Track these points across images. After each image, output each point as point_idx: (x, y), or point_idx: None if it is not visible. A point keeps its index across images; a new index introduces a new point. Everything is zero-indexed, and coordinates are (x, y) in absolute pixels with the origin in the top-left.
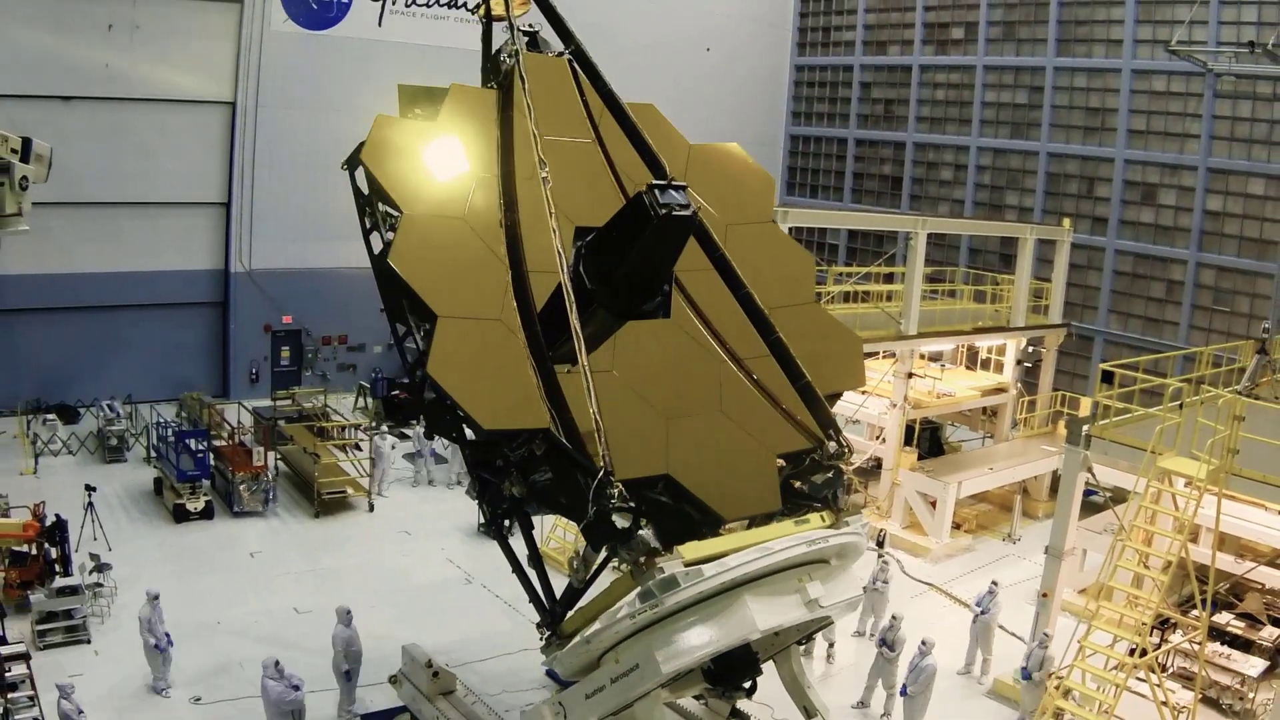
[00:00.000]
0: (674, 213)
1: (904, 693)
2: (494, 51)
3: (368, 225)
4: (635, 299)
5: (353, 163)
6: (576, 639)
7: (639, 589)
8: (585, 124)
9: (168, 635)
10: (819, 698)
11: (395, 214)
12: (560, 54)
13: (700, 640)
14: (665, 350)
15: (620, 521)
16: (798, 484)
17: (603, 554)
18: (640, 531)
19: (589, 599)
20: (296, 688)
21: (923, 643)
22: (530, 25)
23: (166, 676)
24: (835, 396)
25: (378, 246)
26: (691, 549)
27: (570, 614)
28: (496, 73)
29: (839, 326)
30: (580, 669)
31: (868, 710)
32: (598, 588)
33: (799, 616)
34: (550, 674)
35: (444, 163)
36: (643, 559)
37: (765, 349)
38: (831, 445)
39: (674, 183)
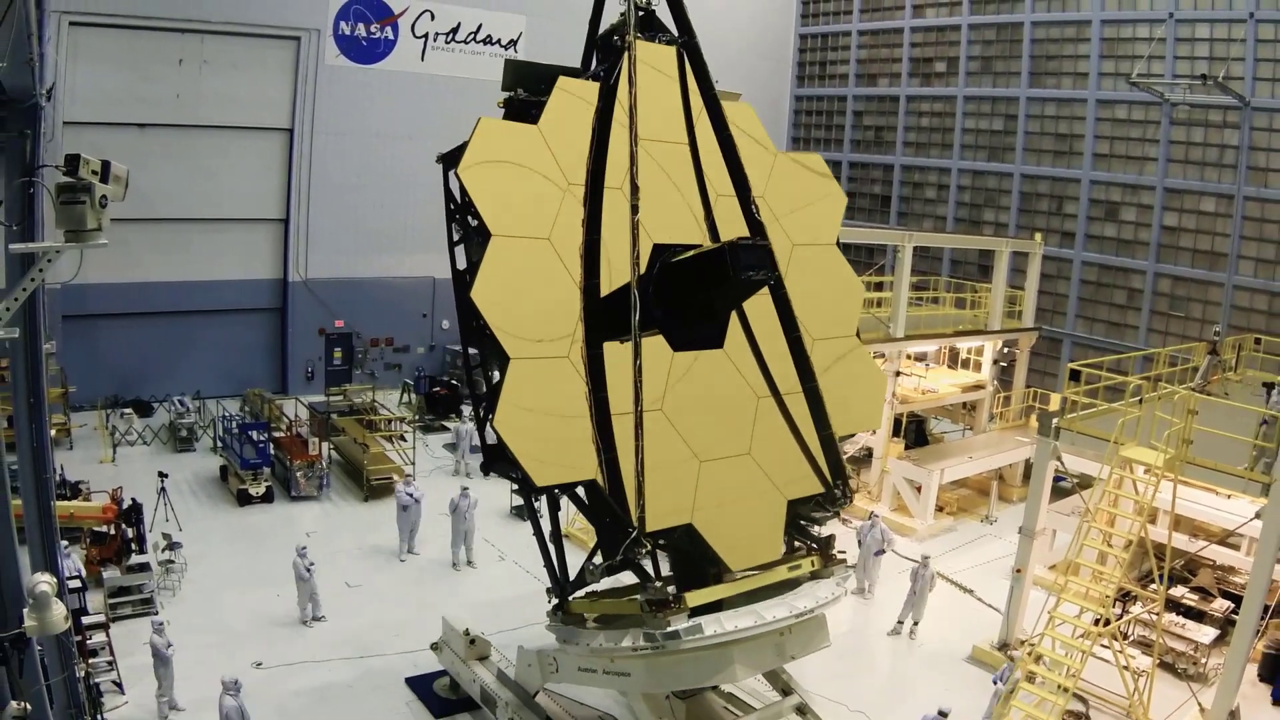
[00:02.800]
0: (754, 278)
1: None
2: (605, 30)
3: (454, 237)
4: (696, 334)
5: (448, 161)
6: (582, 638)
7: (645, 628)
8: (680, 118)
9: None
10: (796, 681)
11: (483, 233)
12: (670, 41)
13: (687, 678)
14: (711, 381)
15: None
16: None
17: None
18: (657, 583)
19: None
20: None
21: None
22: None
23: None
24: (850, 435)
25: (460, 258)
26: (695, 596)
27: (577, 596)
28: (604, 53)
29: (871, 367)
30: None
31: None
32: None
33: (774, 665)
34: None
35: (540, 173)
36: (654, 601)
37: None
38: (836, 493)
39: (758, 241)
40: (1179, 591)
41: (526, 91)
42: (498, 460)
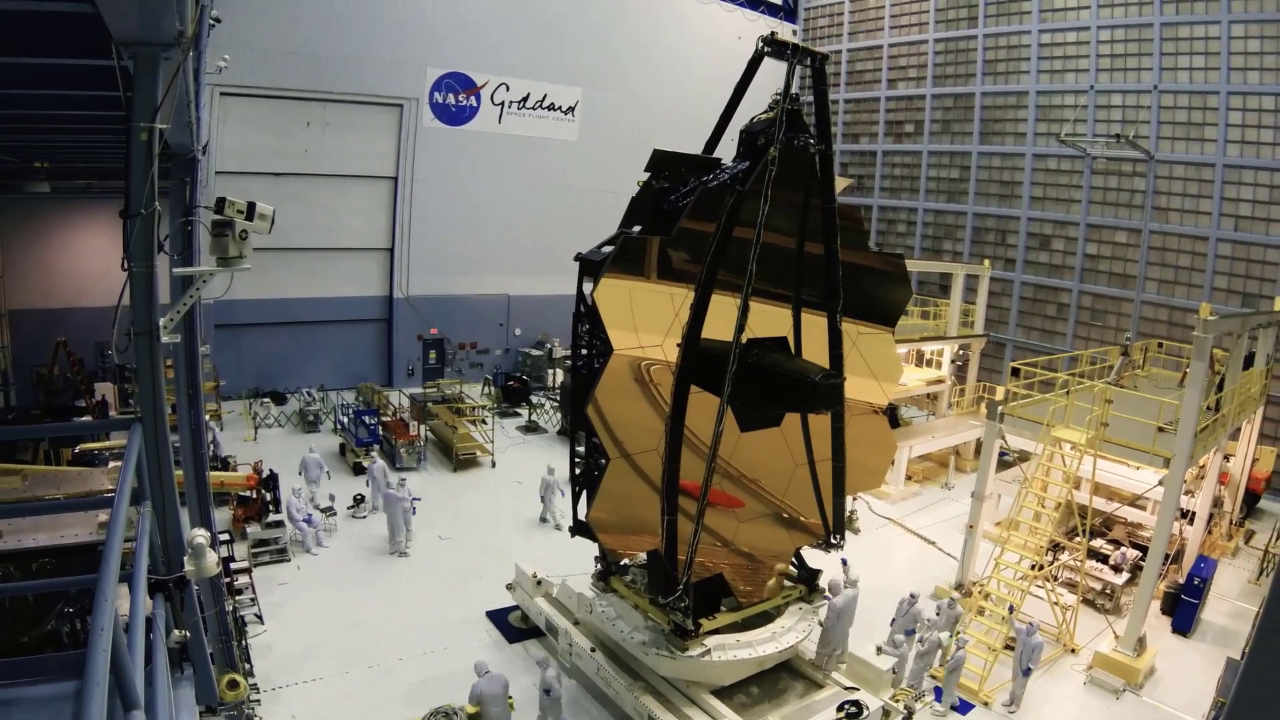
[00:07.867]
0: (820, 412)
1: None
2: (753, 126)
3: (580, 337)
4: (761, 418)
5: (585, 267)
6: (614, 609)
7: (667, 640)
8: (794, 214)
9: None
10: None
11: (605, 346)
12: (807, 146)
13: (682, 675)
14: (763, 451)
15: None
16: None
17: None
18: (685, 619)
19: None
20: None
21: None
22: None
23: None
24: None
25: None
26: (710, 624)
27: (615, 579)
28: (744, 146)
29: (887, 436)
30: None
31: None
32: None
33: (753, 672)
34: None
35: (667, 284)
36: (679, 627)
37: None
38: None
39: (836, 380)
40: (1098, 543)
41: (668, 178)
42: (586, 534)
